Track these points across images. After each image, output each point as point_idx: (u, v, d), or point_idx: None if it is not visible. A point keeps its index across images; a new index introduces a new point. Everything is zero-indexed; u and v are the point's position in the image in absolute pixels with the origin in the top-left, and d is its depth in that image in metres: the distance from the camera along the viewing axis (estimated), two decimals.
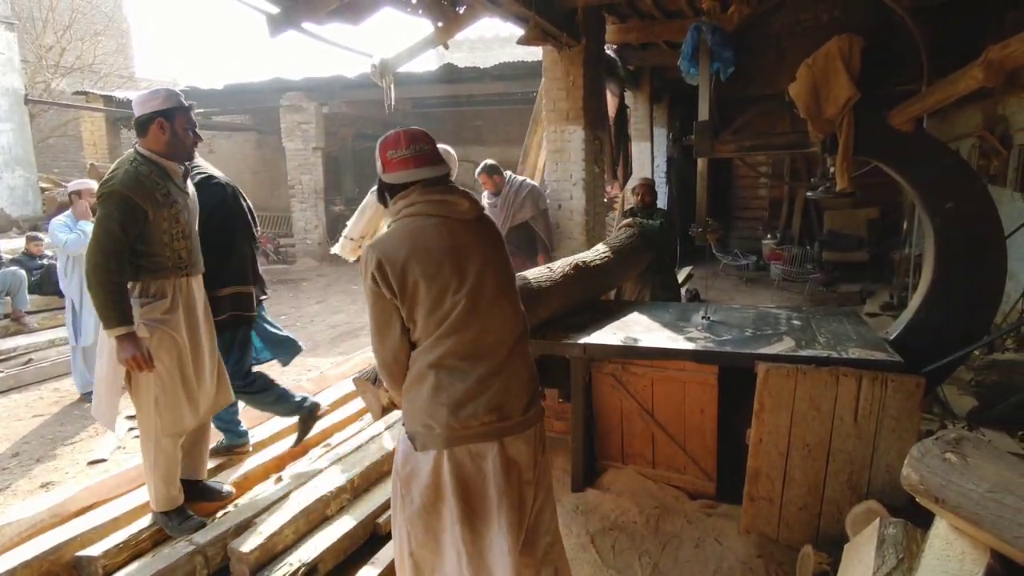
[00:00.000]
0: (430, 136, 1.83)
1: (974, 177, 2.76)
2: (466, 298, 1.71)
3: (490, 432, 1.73)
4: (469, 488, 1.75)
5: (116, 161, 2.63)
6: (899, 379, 2.52)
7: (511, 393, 1.76)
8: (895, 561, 1.95)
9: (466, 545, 1.76)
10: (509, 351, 1.79)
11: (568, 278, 3.27)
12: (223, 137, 15.06)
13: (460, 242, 1.75)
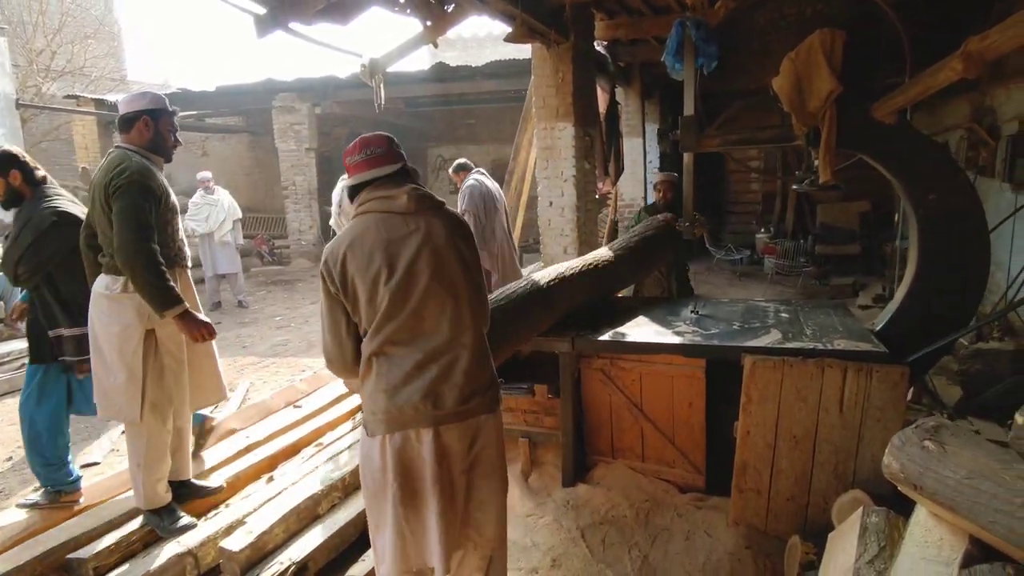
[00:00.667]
0: (387, 139, 1.92)
1: (957, 169, 2.78)
2: (396, 287, 1.78)
3: (424, 418, 1.80)
4: (408, 472, 1.82)
5: (109, 158, 2.65)
6: (883, 369, 2.54)
7: (449, 382, 1.82)
8: (877, 548, 1.97)
9: (408, 525, 1.84)
10: (450, 340, 1.84)
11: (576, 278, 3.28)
12: (216, 139, 15.04)
13: (395, 234, 1.82)
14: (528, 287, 2.97)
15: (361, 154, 1.88)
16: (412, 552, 1.86)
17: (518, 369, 3.55)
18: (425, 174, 15.72)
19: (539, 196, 5.64)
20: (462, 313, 1.87)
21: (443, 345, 1.84)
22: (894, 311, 2.94)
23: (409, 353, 1.82)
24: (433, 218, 1.88)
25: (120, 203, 2.51)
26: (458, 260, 1.89)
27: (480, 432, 1.89)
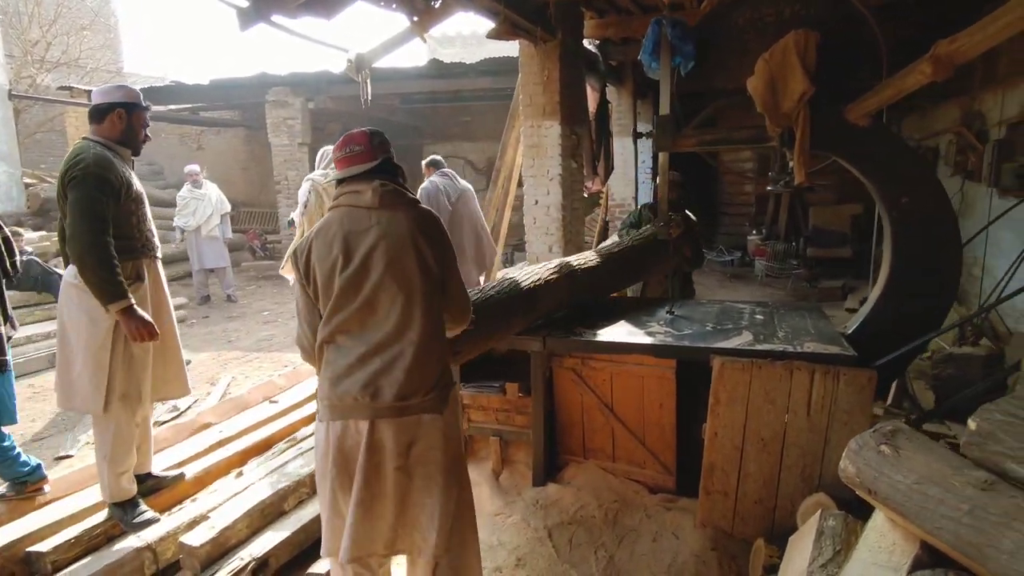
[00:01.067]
0: (368, 135, 1.96)
1: (930, 172, 2.77)
2: (349, 277, 1.84)
3: (361, 410, 1.83)
4: (345, 460, 1.86)
5: (73, 148, 2.65)
6: (851, 373, 2.53)
7: (390, 377, 1.83)
8: (831, 553, 1.96)
9: (344, 510, 1.87)
10: (398, 336, 1.85)
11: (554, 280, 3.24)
12: (212, 133, 15.00)
13: (355, 227, 1.87)
14: (500, 290, 2.92)
15: (342, 151, 1.95)
16: (333, 534, 1.90)
17: (493, 367, 3.54)
18: (419, 171, 15.69)
19: (525, 194, 5.61)
20: (413, 309, 1.87)
21: (389, 339, 1.85)
22: (866, 314, 2.93)
23: (355, 344, 1.86)
24: (397, 214, 1.90)
25: (74, 194, 2.51)
26: (416, 257, 1.88)
27: (420, 432, 1.87)
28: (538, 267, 3.22)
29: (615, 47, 7.16)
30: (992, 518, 1.46)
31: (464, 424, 3.29)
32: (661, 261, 3.96)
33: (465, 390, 3.23)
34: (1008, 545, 1.40)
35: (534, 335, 3.05)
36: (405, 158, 10.61)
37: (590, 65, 6.44)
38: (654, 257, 3.89)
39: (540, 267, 3.22)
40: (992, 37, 2.11)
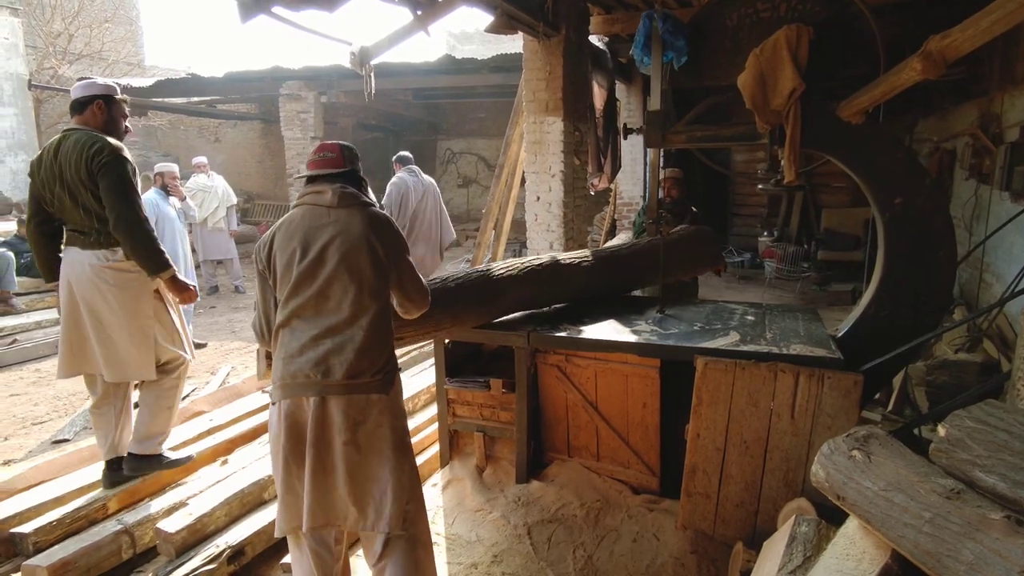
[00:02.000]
0: (341, 148, 2.18)
1: (923, 172, 2.69)
2: (306, 267, 1.99)
3: (312, 386, 1.95)
4: (296, 435, 1.98)
5: (74, 138, 2.73)
6: (836, 376, 2.47)
7: (341, 357, 1.96)
8: (802, 558, 1.91)
9: (297, 485, 1.99)
10: (350, 321, 1.99)
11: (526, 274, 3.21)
12: (229, 126, 15.15)
13: (315, 223, 2.04)
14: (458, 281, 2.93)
15: (315, 155, 2.14)
16: (295, 511, 2.00)
17: (482, 363, 3.53)
18: (434, 166, 15.72)
19: (526, 190, 5.58)
20: (363, 299, 2.01)
21: (341, 324, 1.99)
22: (857, 317, 2.86)
23: (309, 328, 1.99)
24: (353, 214, 2.06)
25: (110, 177, 2.68)
26: (368, 253, 2.03)
27: (369, 410, 1.99)
28: (515, 261, 3.20)
29: (624, 44, 7.10)
30: (953, 527, 1.41)
31: (449, 419, 3.29)
32: (672, 265, 3.59)
33: (450, 385, 3.22)
34: (968, 556, 1.35)
35: (518, 331, 3.02)
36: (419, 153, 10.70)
37: (597, 62, 6.39)
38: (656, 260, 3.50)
39: (517, 261, 3.20)
40: (985, 32, 2.05)
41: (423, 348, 4.86)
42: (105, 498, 2.79)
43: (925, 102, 7.80)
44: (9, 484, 2.98)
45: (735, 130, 2.95)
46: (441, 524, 2.93)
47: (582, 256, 3.49)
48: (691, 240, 3.80)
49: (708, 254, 3.89)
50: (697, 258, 3.84)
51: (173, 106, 12.99)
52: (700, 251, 3.82)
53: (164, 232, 5.55)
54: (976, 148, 5.93)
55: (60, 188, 2.74)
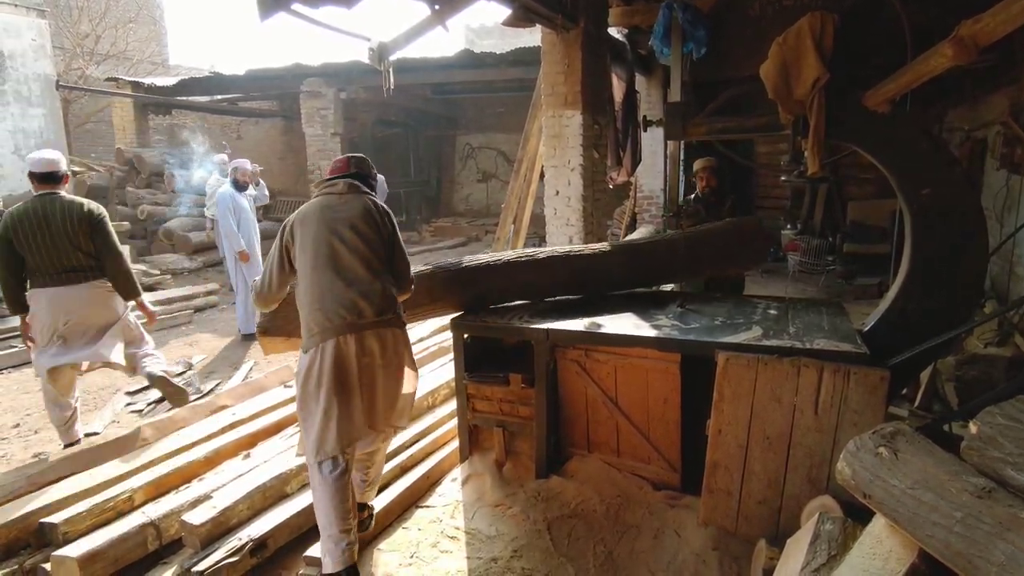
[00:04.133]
0: (348, 160, 2.77)
1: (953, 162, 2.62)
2: (326, 237, 2.50)
3: (350, 326, 2.42)
4: (340, 367, 2.41)
5: (65, 201, 3.64)
6: (862, 372, 2.42)
7: (368, 302, 2.46)
8: (826, 557, 1.88)
9: (338, 411, 2.39)
10: (367, 276, 2.50)
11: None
12: (251, 123, 15.31)
13: (331, 205, 2.60)
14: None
15: (332, 166, 2.79)
16: (338, 432, 2.39)
17: (500, 357, 3.52)
18: (453, 162, 15.72)
19: (546, 184, 5.56)
20: (373, 260, 2.55)
21: (362, 277, 2.50)
22: (884, 311, 2.80)
23: (336, 281, 2.46)
24: (360, 199, 2.64)
25: (106, 229, 3.74)
26: (374, 227, 2.60)
27: (390, 340, 2.52)
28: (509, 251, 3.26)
29: (644, 36, 7.01)
30: (984, 527, 1.37)
31: (469, 414, 3.29)
32: (698, 263, 3.49)
33: (469, 380, 3.22)
34: (999, 557, 1.32)
35: (537, 325, 3.01)
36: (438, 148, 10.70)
37: (616, 54, 6.33)
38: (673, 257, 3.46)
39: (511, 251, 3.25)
40: (1017, 17, 1.98)
41: (443, 344, 4.87)
42: (131, 490, 2.84)
43: (956, 90, 7.60)
44: (39, 476, 3.05)
45: (757, 121, 2.90)
46: (461, 519, 2.94)
47: (601, 248, 3.47)
48: (724, 236, 3.46)
49: (746, 252, 3.46)
50: (731, 256, 3.48)
51: (196, 104, 13.17)
52: (735, 248, 3.44)
53: (240, 223, 6.32)
54: (1008, 137, 5.76)
55: (49, 239, 3.56)
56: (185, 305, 7.34)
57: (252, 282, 2.99)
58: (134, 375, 4.12)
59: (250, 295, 6.18)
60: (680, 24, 2.81)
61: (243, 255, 6.32)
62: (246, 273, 6.39)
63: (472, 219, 14.54)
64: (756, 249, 3.41)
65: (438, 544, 2.78)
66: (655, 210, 8.60)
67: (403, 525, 2.92)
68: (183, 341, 6.40)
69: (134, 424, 4.32)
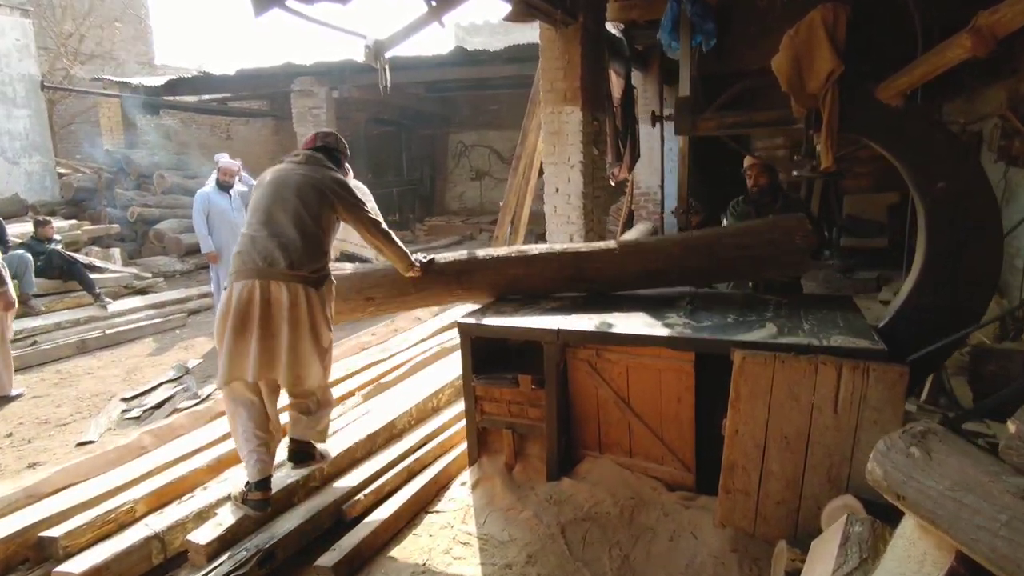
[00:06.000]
0: (316, 135, 3.14)
1: (967, 154, 2.59)
2: (270, 194, 2.84)
3: (259, 271, 2.70)
4: (242, 308, 2.69)
5: None
6: (881, 368, 2.38)
7: (283, 252, 2.71)
8: (857, 560, 1.84)
9: (236, 347, 2.71)
10: (293, 233, 2.76)
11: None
12: (240, 123, 15.14)
13: (287, 170, 2.93)
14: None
15: (304, 141, 3.17)
16: (236, 365, 2.73)
17: (501, 358, 3.46)
18: (446, 160, 15.63)
19: (545, 182, 5.51)
20: (305, 222, 2.80)
21: (287, 232, 2.75)
22: (899, 306, 2.77)
23: (261, 232, 2.76)
24: (316, 170, 2.92)
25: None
26: (317, 192, 2.86)
27: (300, 295, 2.73)
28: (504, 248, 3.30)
29: (641, 31, 6.96)
30: None
31: (477, 417, 3.23)
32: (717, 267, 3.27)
33: (477, 382, 3.16)
34: None
35: (547, 326, 2.96)
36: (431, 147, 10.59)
37: (614, 50, 6.28)
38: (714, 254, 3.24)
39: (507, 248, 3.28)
40: None
41: (444, 345, 4.81)
42: (133, 501, 2.76)
43: (952, 84, 7.60)
44: (36, 488, 2.96)
45: (768, 115, 2.86)
46: (472, 524, 2.88)
47: (608, 246, 3.42)
48: (755, 236, 3.18)
49: (784, 255, 3.12)
50: (763, 259, 3.19)
51: (185, 104, 13.00)
52: (768, 250, 3.15)
53: (216, 224, 6.15)
54: (1006, 130, 5.77)
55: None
56: (179, 308, 7.24)
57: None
58: None
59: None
60: (689, 17, 2.76)
61: (210, 256, 6.19)
62: (220, 275, 6.25)
63: (466, 217, 14.46)
64: (796, 251, 3.06)
65: (450, 551, 2.72)
66: (652, 207, 8.58)
67: (413, 531, 2.86)
68: (178, 345, 6.30)
69: (131, 431, 4.24)
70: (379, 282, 3.46)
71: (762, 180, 3.76)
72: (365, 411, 3.62)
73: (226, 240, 6.20)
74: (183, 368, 5.43)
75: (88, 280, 6.92)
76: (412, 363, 4.42)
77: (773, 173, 3.79)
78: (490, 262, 3.48)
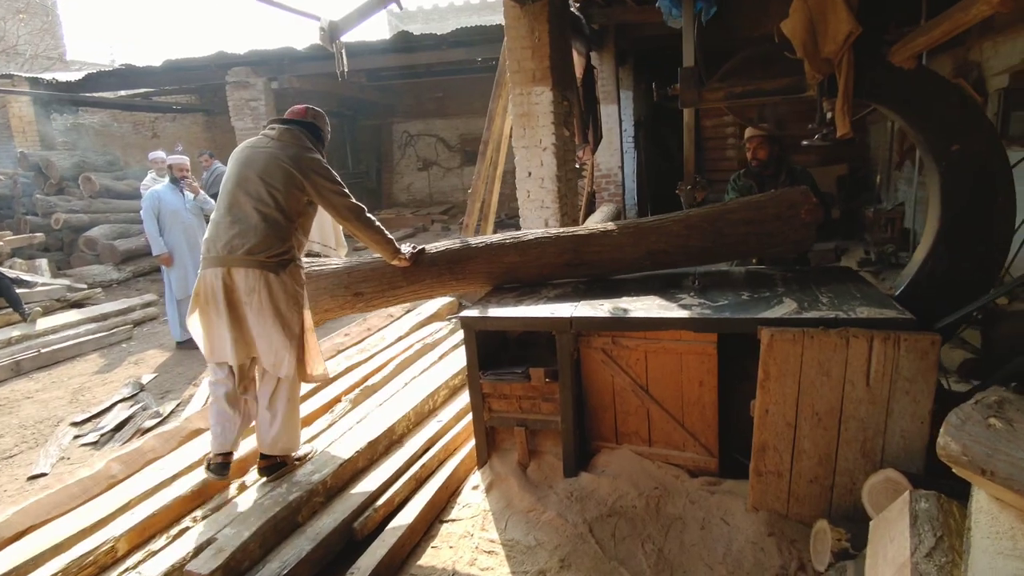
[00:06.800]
0: (308, 108, 3.01)
1: (981, 115, 2.56)
2: (236, 175, 2.78)
3: (221, 260, 2.71)
4: (208, 294, 2.76)
5: None
6: (912, 338, 2.33)
7: (242, 239, 2.69)
8: (933, 540, 1.76)
9: (211, 330, 2.80)
10: (256, 216, 2.71)
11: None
12: (167, 119, 14.23)
13: (257, 146, 2.84)
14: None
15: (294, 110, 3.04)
16: (217, 348, 2.81)
17: (504, 351, 3.29)
18: (391, 150, 15.19)
19: (516, 166, 5.32)
20: (266, 208, 2.72)
21: (248, 218, 2.71)
22: (914, 274, 2.74)
23: (225, 217, 2.74)
24: (288, 147, 2.81)
25: None
26: (285, 173, 2.75)
27: (258, 280, 2.71)
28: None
29: (599, 9, 6.86)
30: None
31: (485, 415, 3.04)
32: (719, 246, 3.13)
33: (485, 379, 2.97)
34: None
35: (559, 315, 2.80)
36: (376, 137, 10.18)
37: (574, 27, 6.13)
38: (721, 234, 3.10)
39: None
40: None
41: (426, 341, 4.58)
42: (113, 539, 2.45)
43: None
44: None
45: (777, 83, 2.76)
46: (493, 530, 2.70)
47: (605, 227, 3.28)
48: (758, 210, 3.06)
49: (788, 228, 3.03)
50: (768, 235, 3.07)
51: (106, 101, 12.09)
52: (772, 225, 3.04)
53: (167, 225, 5.71)
54: None
55: None
56: (123, 320, 6.70)
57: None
58: None
59: (177, 302, 5.77)
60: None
61: (163, 259, 5.78)
62: (172, 279, 5.84)
63: (416, 209, 14.09)
64: (803, 226, 2.99)
65: (476, 562, 2.54)
66: (613, 188, 8.52)
67: (431, 544, 2.66)
68: (127, 360, 5.81)
69: (88, 459, 3.85)
70: (367, 276, 3.21)
71: (761, 153, 3.63)
72: (358, 417, 3.37)
73: (179, 241, 5.80)
74: (137, 384, 5.00)
75: (14, 296, 6.29)
76: (396, 362, 4.18)
77: (775, 145, 3.66)
78: (484, 250, 3.29)
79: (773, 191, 3.31)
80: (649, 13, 6.94)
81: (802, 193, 3.06)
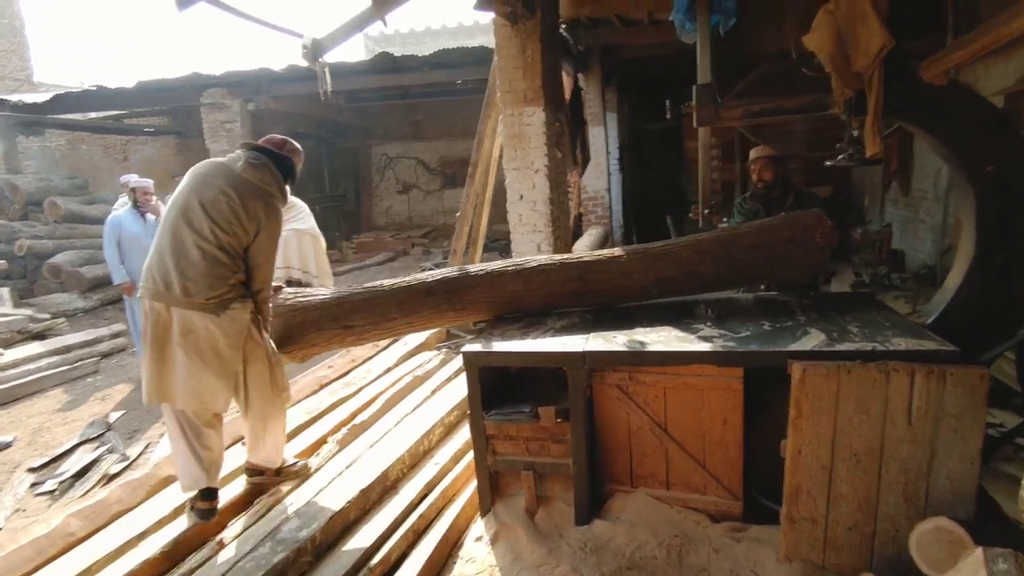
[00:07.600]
0: (287, 140, 2.95)
1: (1013, 132, 2.43)
2: (180, 204, 2.63)
3: (155, 293, 2.59)
4: (150, 326, 2.60)
5: None
6: (959, 371, 2.16)
7: (180, 278, 2.55)
8: None
9: (148, 362, 2.62)
10: (196, 252, 2.56)
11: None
12: (139, 142, 13.82)
13: (213, 173, 2.68)
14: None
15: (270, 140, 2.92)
16: (149, 384, 2.64)
17: (509, 385, 3.05)
18: (370, 173, 14.96)
19: (508, 189, 5.13)
20: (207, 247, 2.57)
21: (188, 252, 2.57)
22: (947, 301, 2.58)
23: (168, 248, 2.60)
24: (248, 185, 2.65)
25: None
26: (235, 215, 2.61)
27: (197, 322, 2.57)
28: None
29: (585, 30, 6.77)
30: None
31: (489, 459, 2.79)
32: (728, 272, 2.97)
33: (490, 420, 2.73)
34: None
35: (571, 350, 2.58)
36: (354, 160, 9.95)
37: (563, 48, 6.02)
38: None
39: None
40: None
41: (417, 373, 4.32)
42: None
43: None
44: None
45: (799, 101, 2.61)
46: None
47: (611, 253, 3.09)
48: (770, 234, 2.92)
49: (800, 253, 2.89)
50: (779, 259, 2.93)
51: (75, 123, 11.70)
52: (784, 249, 2.91)
53: (129, 251, 5.37)
54: None
55: None
56: (88, 352, 6.30)
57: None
58: None
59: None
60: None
61: (124, 288, 5.42)
62: (135, 308, 5.45)
63: (396, 232, 13.84)
64: (818, 250, 2.83)
65: None
66: (601, 211, 8.39)
67: None
68: (93, 396, 5.42)
69: (47, 511, 3.50)
70: (359, 307, 2.97)
71: (767, 175, 3.49)
72: (347, 461, 3.09)
73: (140, 268, 5.40)
74: (103, 424, 4.64)
75: None
76: (385, 397, 3.91)
77: (780, 166, 3.52)
78: (484, 278, 3.07)
79: (785, 214, 3.15)
80: (635, 35, 6.89)
81: (815, 216, 2.91)
